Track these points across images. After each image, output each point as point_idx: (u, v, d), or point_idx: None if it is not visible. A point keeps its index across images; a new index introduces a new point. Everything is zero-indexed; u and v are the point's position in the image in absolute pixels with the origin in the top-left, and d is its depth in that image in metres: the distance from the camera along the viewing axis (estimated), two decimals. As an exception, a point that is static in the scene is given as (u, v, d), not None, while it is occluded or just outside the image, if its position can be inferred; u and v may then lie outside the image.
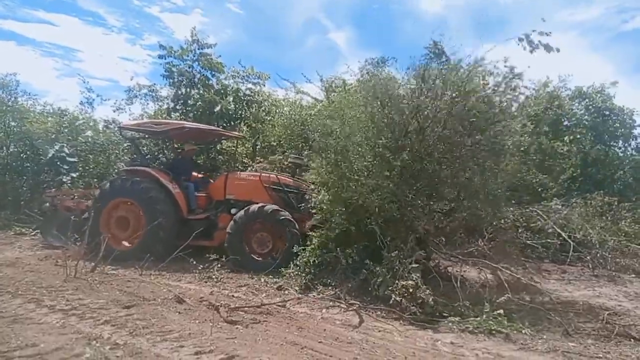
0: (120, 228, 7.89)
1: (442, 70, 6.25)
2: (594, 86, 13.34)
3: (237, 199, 7.94)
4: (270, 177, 8.16)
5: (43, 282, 5.71)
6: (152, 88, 12.88)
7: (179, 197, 7.90)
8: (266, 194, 7.85)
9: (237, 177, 8.33)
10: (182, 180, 8.24)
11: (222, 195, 8.13)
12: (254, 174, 8.42)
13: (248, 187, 8.02)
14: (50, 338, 3.69)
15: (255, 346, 3.84)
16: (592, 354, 4.05)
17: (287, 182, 8.11)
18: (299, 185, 8.11)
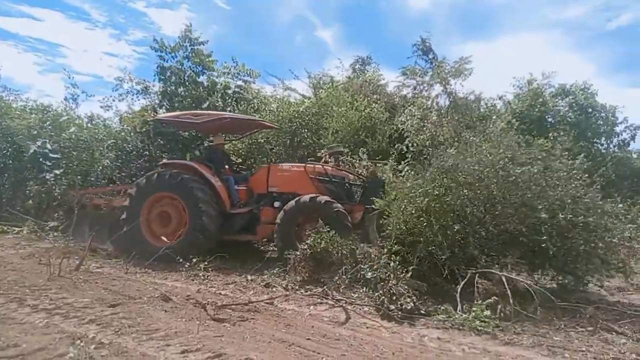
0: (161, 224, 7.65)
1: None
2: (576, 84, 13.54)
3: (281, 191, 7.74)
4: (315, 167, 7.93)
5: (26, 281, 5.62)
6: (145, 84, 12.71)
7: (222, 191, 7.71)
8: (312, 185, 7.61)
9: (280, 168, 8.11)
10: (222, 174, 8.08)
11: (264, 188, 7.91)
12: (298, 165, 8.18)
13: (292, 179, 7.81)
14: (33, 338, 3.63)
15: (242, 344, 3.82)
16: (575, 348, 4.10)
17: (333, 173, 7.91)
18: (345, 176, 7.94)
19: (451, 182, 5.95)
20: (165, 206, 7.70)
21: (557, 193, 5.66)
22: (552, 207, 5.55)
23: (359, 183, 7.81)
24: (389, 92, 13.44)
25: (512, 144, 6.27)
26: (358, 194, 7.85)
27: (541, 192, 5.66)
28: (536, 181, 5.73)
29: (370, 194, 7.42)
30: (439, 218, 5.89)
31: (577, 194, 5.70)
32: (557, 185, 5.80)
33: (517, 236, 5.68)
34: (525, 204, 5.59)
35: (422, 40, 13.29)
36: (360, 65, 15.59)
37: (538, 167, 5.82)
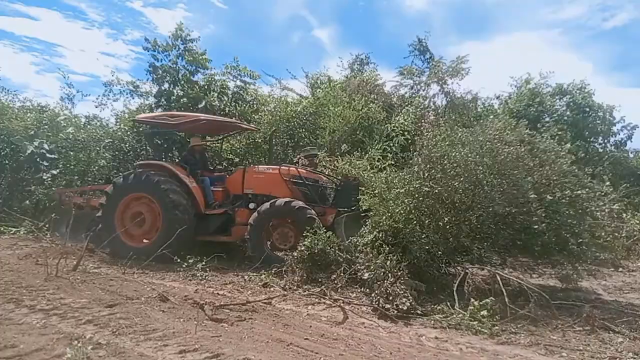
0: (135, 225, 7.65)
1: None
2: (574, 83, 13.57)
3: (256, 193, 7.81)
4: (290, 170, 7.98)
5: (23, 281, 5.59)
6: (134, 84, 12.69)
7: (197, 192, 7.76)
8: (287, 188, 7.69)
9: (255, 170, 8.17)
10: (198, 175, 8.13)
11: (240, 189, 7.97)
12: (273, 167, 8.17)
13: (267, 181, 7.87)
14: (30, 339, 3.62)
15: (240, 344, 3.82)
16: (573, 347, 4.12)
17: (307, 175, 7.97)
18: (319, 178, 8.02)
19: (439, 172, 5.96)
20: (140, 207, 7.73)
21: (544, 171, 5.70)
22: (540, 186, 5.59)
23: (331, 186, 7.87)
24: (386, 92, 13.43)
25: (500, 126, 6.30)
26: (331, 197, 7.93)
27: (529, 171, 5.67)
28: (523, 160, 5.74)
29: (343, 197, 7.60)
30: (429, 214, 5.92)
31: (563, 170, 5.74)
32: (544, 163, 5.83)
33: (507, 219, 5.71)
34: (514, 185, 5.61)
35: (418, 40, 13.35)
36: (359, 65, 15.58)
37: (525, 147, 5.85)
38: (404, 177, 6.35)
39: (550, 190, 5.56)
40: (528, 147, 5.91)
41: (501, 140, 5.88)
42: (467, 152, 5.81)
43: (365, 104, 11.24)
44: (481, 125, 6.77)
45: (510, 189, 5.61)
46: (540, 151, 5.96)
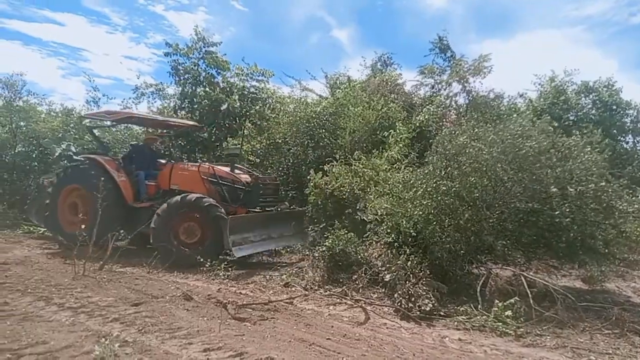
0: (73, 213, 8.26)
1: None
2: (600, 80, 13.22)
3: (180, 189, 8.00)
4: (208, 168, 8.16)
5: (52, 280, 5.76)
6: (159, 87, 12.91)
7: (123, 185, 8.14)
8: (203, 186, 7.92)
9: (180, 167, 8.41)
10: (133, 169, 8.46)
11: (167, 184, 8.25)
12: (194, 165, 8.46)
13: (188, 178, 8.13)
14: (60, 335, 3.73)
15: (263, 343, 3.85)
16: (601, 350, 4.03)
17: (222, 175, 8.09)
18: (233, 178, 8.10)
19: (455, 169, 5.88)
20: (76, 197, 8.38)
21: (567, 165, 5.57)
22: (562, 180, 5.46)
23: (241, 187, 7.98)
24: (406, 92, 13.33)
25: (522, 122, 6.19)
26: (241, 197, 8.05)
27: (551, 166, 5.55)
28: (545, 154, 5.62)
29: (252, 197, 7.89)
30: (448, 213, 5.85)
31: (587, 166, 5.60)
32: (568, 157, 5.71)
33: (530, 216, 5.60)
34: (536, 180, 5.51)
35: (439, 38, 13.17)
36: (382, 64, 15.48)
37: (547, 142, 5.74)
38: (420, 177, 6.29)
39: (573, 184, 5.43)
40: (550, 142, 5.79)
41: (523, 136, 5.78)
42: (484, 147, 5.73)
43: (385, 103, 11.17)
44: (503, 121, 6.66)
45: (531, 184, 5.51)
46: (563, 146, 5.84)
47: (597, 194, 5.44)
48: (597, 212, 5.44)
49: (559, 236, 5.52)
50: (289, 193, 11.34)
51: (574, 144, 5.87)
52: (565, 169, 5.53)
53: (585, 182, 5.45)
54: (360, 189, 8.00)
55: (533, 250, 6.11)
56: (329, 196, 8.34)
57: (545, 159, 5.58)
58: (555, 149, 5.76)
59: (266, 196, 8.22)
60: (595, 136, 6.06)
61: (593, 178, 5.50)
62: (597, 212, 5.44)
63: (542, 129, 6.03)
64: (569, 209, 5.31)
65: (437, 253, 5.75)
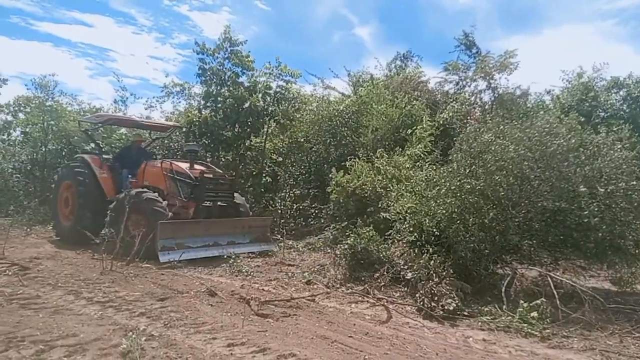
0: (66, 207, 9.15)
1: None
2: (631, 76, 12.80)
3: (151, 184, 8.41)
4: (169, 164, 8.46)
5: (81, 274, 5.94)
6: (184, 86, 13.12)
7: (104, 180, 8.87)
8: (164, 181, 8.30)
9: (150, 165, 8.82)
10: (118, 167, 9.09)
11: (142, 181, 8.67)
12: (159, 162, 8.88)
13: (154, 174, 8.55)
14: (89, 329, 3.84)
15: (285, 339, 3.88)
16: (632, 353, 3.91)
17: (178, 170, 8.31)
18: (188, 174, 8.21)
19: (480, 168, 5.79)
20: (68, 192, 9.19)
21: (596, 163, 5.42)
22: (591, 179, 5.32)
23: (190, 181, 8.14)
24: (430, 89, 13.20)
25: (550, 119, 6.05)
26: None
27: (579, 164, 5.41)
28: (574, 152, 5.49)
29: (199, 192, 8.11)
30: (472, 211, 5.77)
31: (617, 163, 5.43)
32: (596, 155, 5.55)
33: (558, 215, 5.47)
34: (563, 178, 5.39)
35: (465, 34, 13.01)
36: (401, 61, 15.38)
37: (576, 139, 5.59)
38: (444, 175, 6.22)
39: (602, 183, 5.29)
40: (579, 139, 5.65)
41: (551, 133, 5.66)
42: (509, 145, 5.63)
43: (409, 101, 11.08)
44: (529, 119, 6.53)
45: (559, 183, 5.38)
46: (592, 144, 5.69)
47: (627, 193, 5.28)
48: (627, 211, 5.28)
49: (587, 236, 5.37)
50: (311, 191, 11.38)
51: (602, 142, 5.71)
52: (594, 167, 5.39)
53: (615, 180, 5.30)
54: (383, 187, 7.96)
55: (560, 250, 5.96)
56: (350, 194, 8.34)
57: (573, 157, 5.45)
58: (584, 146, 5.62)
59: (216, 191, 8.49)
60: (624, 132, 5.88)
61: (623, 176, 5.34)
62: (628, 211, 5.28)
63: (570, 126, 5.89)
64: (598, 208, 5.17)
65: (461, 252, 5.68)
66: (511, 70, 11.56)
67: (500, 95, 11.77)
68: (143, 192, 7.72)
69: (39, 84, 14.34)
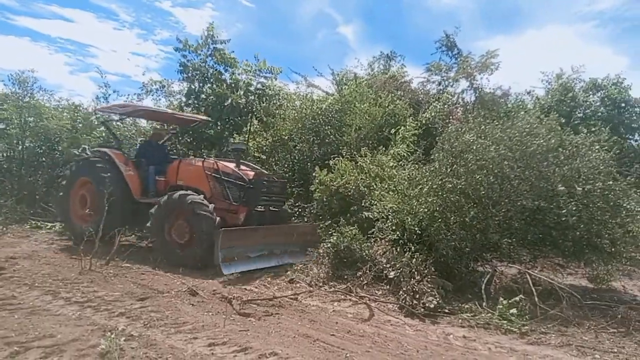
0: (82, 206, 8.22)
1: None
2: (609, 77, 13.09)
3: (187, 185, 7.68)
4: (212, 164, 7.73)
5: (59, 274, 5.82)
6: (163, 83, 12.96)
7: (130, 178, 8.02)
8: (207, 182, 7.53)
9: (187, 162, 8.16)
10: (143, 163, 8.28)
11: (175, 180, 7.98)
12: (200, 160, 8.08)
13: (193, 174, 7.81)
14: (66, 329, 3.76)
15: (267, 338, 3.87)
16: (606, 348, 4.01)
17: (226, 171, 7.65)
18: (238, 175, 7.63)
19: (461, 167, 5.86)
20: (85, 190, 8.27)
21: (575, 163, 5.54)
22: (569, 179, 5.44)
23: (243, 184, 7.49)
24: (413, 89, 13.28)
25: (530, 120, 6.16)
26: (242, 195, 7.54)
27: (558, 164, 5.52)
28: (554, 152, 5.59)
29: (253, 196, 7.40)
30: (454, 210, 5.84)
31: (595, 164, 5.57)
32: (575, 156, 5.67)
33: (537, 214, 5.58)
34: (542, 177, 5.49)
35: (446, 35, 13.11)
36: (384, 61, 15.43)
37: (555, 139, 5.70)
38: (426, 175, 6.28)
39: (581, 183, 5.40)
40: (558, 139, 5.76)
41: (531, 134, 5.76)
42: (490, 145, 5.71)
43: (392, 100, 11.13)
44: (511, 118, 6.64)
45: (538, 182, 5.48)
46: (571, 144, 5.81)
47: (604, 193, 5.41)
48: (603, 210, 5.41)
49: (565, 234, 5.50)
50: (295, 190, 11.34)
51: (581, 142, 5.83)
52: (573, 167, 5.51)
53: (592, 180, 5.42)
54: (366, 186, 7.99)
55: (539, 249, 6.09)
56: (334, 193, 8.34)
57: (552, 157, 5.56)
58: (563, 147, 5.73)
59: (270, 195, 7.75)
60: (603, 134, 6.02)
61: (600, 176, 5.46)
62: (604, 210, 5.41)
63: (549, 126, 6.00)
64: (576, 207, 5.28)
65: (442, 250, 5.76)
66: (492, 71, 11.70)
67: (481, 95, 11.91)
68: (187, 194, 6.98)
69: (16, 80, 13.99)
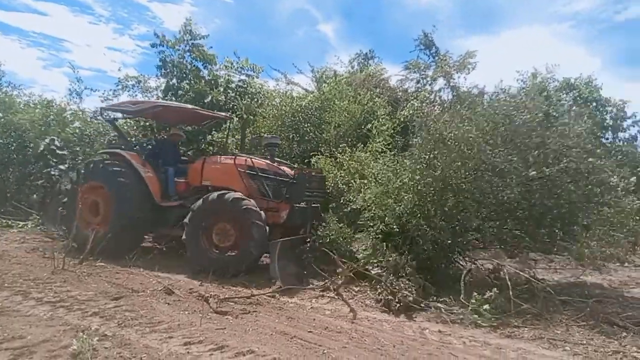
0: (93, 213, 7.49)
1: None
2: (581, 77, 13.42)
3: (214, 185, 7.14)
4: (246, 161, 7.20)
5: (30, 274, 5.66)
6: (139, 79, 12.75)
7: (151, 181, 7.39)
8: (241, 180, 6.98)
9: (213, 161, 7.54)
10: (161, 165, 7.74)
11: (199, 180, 7.41)
12: (228, 157, 7.52)
13: (223, 172, 7.23)
14: (37, 330, 3.67)
15: (244, 336, 3.85)
16: (576, 341, 4.12)
17: (262, 167, 7.24)
18: (275, 170, 7.34)
19: (442, 154, 5.94)
20: (97, 195, 7.50)
21: (557, 141, 5.66)
22: (559, 154, 5.58)
23: (286, 179, 7.19)
24: (391, 86, 13.37)
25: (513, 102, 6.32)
26: (284, 191, 7.16)
27: (541, 143, 5.65)
28: (540, 128, 5.76)
29: (297, 192, 7.03)
30: (433, 200, 5.93)
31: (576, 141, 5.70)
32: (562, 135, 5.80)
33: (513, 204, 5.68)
34: (524, 158, 5.61)
35: (424, 34, 13.24)
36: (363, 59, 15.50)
37: (539, 119, 5.86)
38: (404, 164, 6.34)
39: (567, 160, 5.49)
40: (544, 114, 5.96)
41: (518, 109, 5.90)
42: (470, 128, 5.79)
43: (371, 98, 11.20)
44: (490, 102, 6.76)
45: (519, 163, 5.55)
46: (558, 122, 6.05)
47: (588, 168, 5.53)
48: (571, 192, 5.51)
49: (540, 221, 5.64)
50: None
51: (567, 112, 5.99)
52: (558, 143, 5.62)
53: (576, 157, 5.52)
54: (345, 183, 8.02)
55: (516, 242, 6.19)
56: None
57: (537, 134, 5.69)
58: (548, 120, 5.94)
59: (312, 190, 7.31)
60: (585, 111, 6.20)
61: (574, 156, 5.56)
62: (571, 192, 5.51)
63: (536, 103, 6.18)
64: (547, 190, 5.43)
65: (423, 246, 5.81)
66: (469, 70, 11.87)
67: (458, 94, 12.07)
68: (224, 193, 6.49)
69: (-17, 74, 13.58)
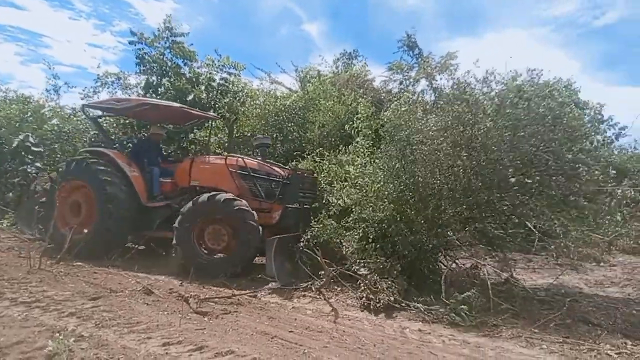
0: (74, 214, 7.34)
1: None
2: (561, 80, 13.67)
3: (202, 185, 7.07)
4: (237, 161, 7.11)
5: (5, 274, 5.52)
6: (119, 76, 12.55)
7: (137, 181, 7.28)
8: (232, 181, 6.91)
9: (202, 161, 7.46)
10: (146, 164, 7.62)
11: (187, 181, 7.28)
12: (219, 157, 7.47)
13: (213, 173, 7.13)
14: (11, 331, 3.58)
15: (224, 337, 3.82)
16: (553, 339, 4.19)
17: (254, 167, 7.14)
18: (268, 170, 7.24)
19: (410, 156, 5.97)
20: (78, 194, 7.39)
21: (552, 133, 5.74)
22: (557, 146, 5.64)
23: (278, 180, 7.09)
24: (375, 87, 13.44)
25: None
26: (278, 192, 7.05)
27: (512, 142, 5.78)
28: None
29: (291, 192, 6.96)
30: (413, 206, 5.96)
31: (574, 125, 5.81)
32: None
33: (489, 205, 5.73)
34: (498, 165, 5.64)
35: (407, 35, 13.32)
36: (347, 59, 15.54)
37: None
38: (376, 174, 6.37)
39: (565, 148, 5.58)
40: None
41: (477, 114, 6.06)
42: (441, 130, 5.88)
43: (355, 98, 11.23)
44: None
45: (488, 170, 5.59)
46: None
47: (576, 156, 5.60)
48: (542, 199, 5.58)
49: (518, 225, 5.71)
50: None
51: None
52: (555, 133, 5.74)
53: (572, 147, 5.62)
54: (328, 184, 8.03)
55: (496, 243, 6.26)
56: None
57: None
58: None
59: (305, 191, 7.29)
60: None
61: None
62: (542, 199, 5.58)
63: None
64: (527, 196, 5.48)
65: (404, 251, 5.83)
66: (452, 72, 11.97)
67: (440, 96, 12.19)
68: (215, 194, 6.38)
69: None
